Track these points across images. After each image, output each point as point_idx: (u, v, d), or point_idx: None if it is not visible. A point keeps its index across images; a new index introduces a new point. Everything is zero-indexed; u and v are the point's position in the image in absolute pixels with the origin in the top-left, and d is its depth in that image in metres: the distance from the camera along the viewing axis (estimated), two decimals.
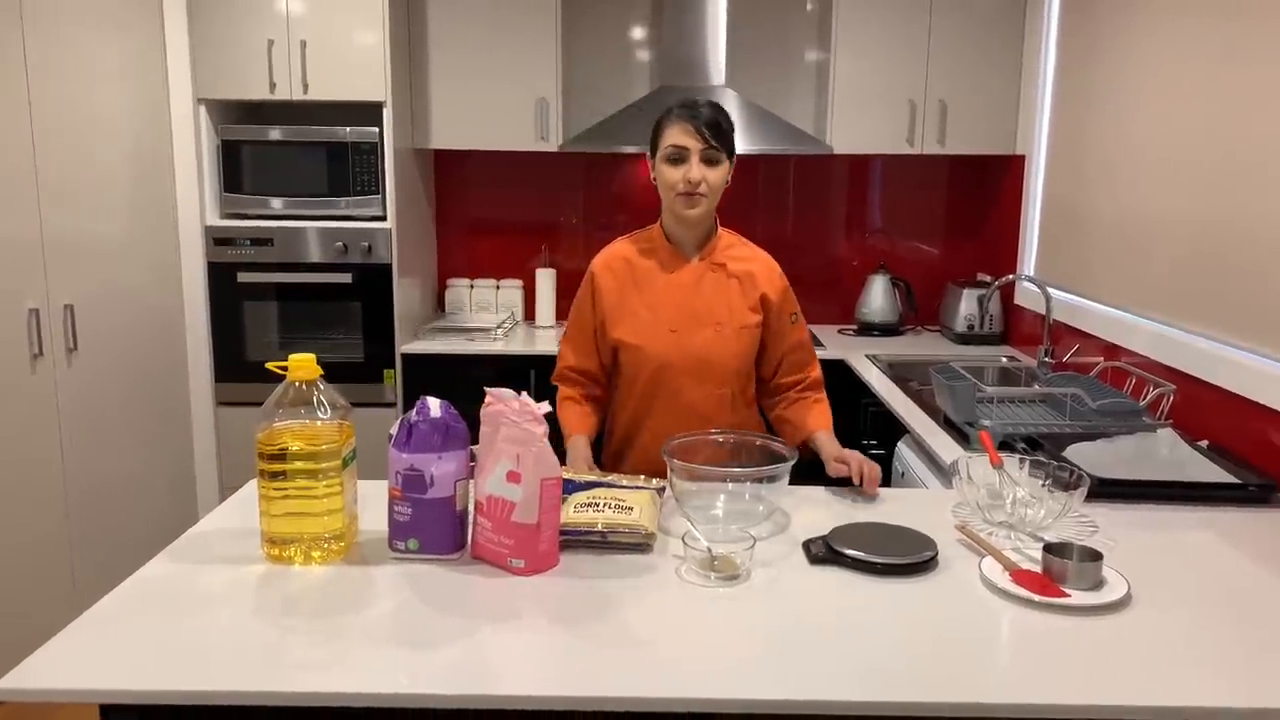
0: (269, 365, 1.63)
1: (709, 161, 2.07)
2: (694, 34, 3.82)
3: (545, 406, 1.57)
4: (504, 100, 3.80)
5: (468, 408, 1.67)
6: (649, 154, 2.16)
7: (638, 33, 4.13)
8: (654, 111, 3.70)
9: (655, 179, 2.15)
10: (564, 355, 2.30)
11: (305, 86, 3.52)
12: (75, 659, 1.33)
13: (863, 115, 3.82)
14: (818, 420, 2.23)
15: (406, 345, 3.74)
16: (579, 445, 2.17)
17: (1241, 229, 2.37)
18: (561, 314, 4.17)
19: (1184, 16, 2.66)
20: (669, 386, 2.18)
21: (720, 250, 2.21)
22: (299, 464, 1.58)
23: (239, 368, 3.70)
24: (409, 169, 3.82)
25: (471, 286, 4.20)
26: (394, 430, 1.61)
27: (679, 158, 2.07)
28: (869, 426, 3.21)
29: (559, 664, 1.33)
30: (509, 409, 1.56)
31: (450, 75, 3.79)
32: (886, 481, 2.81)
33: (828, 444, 2.15)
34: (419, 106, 3.82)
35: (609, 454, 2.33)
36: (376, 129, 3.59)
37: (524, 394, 1.57)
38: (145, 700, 1.28)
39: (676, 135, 2.07)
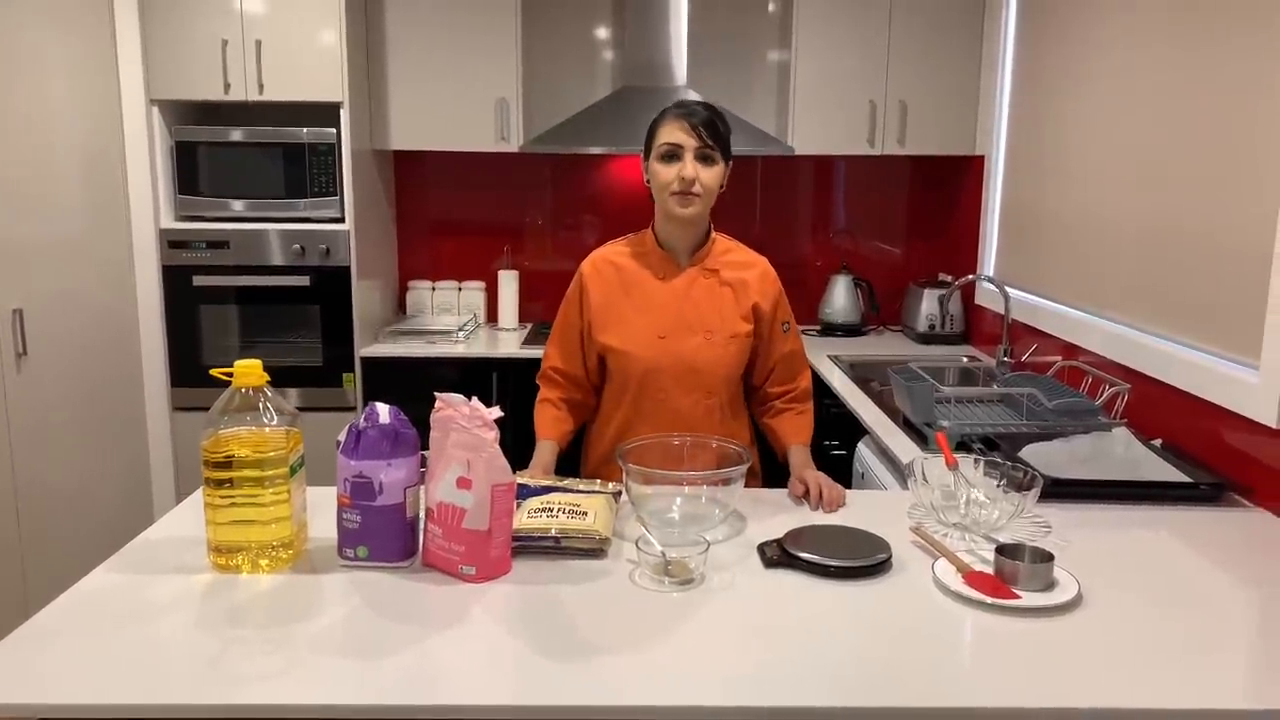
0: (213, 371, 1.60)
1: (704, 160, 2.03)
2: (655, 35, 3.81)
3: (496, 411, 1.55)
4: (464, 101, 3.77)
5: (428, 411, 1.64)
6: (642, 155, 2.13)
7: (599, 33, 4.11)
8: (615, 112, 3.75)
9: (649, 180, 2.11)
10: (549, 355, 2.26)
11: (261, 87, 3.48)
12: (13, 672, 1.30)
13: (824, 116, 3.83)
14: (795, 433, 2.21)
15: (366, 348, 3.70)
16: (543, 451, 2.15)
17: (1196, 230, 2.40)
18: (525, 316, 4.15)
19: (1139, 20, 2.69)
20: (656, 394, 2.15)
21: (714, 256, 2.17)
22: (245, 471, 1.55)
23: (196, 372, 3.64)
24: (368, 170, 3.78)
25: (433, 288, 4.17)
26: (342, 437, 1.58)
27: (673, 155, 2.03)
28: (830, 427, 3.22)
29: (510, 673, 1.31)
30: (459, 414, 1.54)
31: (409, 75, 3.76)
32: (847, 483, 2.83)
33: (797, 459, 2.13)
34: (377, 107, 3.78)
35: (596, 461, 2.28)
36: (334, 130, 3.55)
37: (474, 399, 1.56)
38: (86, 714, 1.25)
39: (671, 133, 2.03)
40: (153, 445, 3.70)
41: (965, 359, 3.58)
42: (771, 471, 2.27)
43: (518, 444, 2.34)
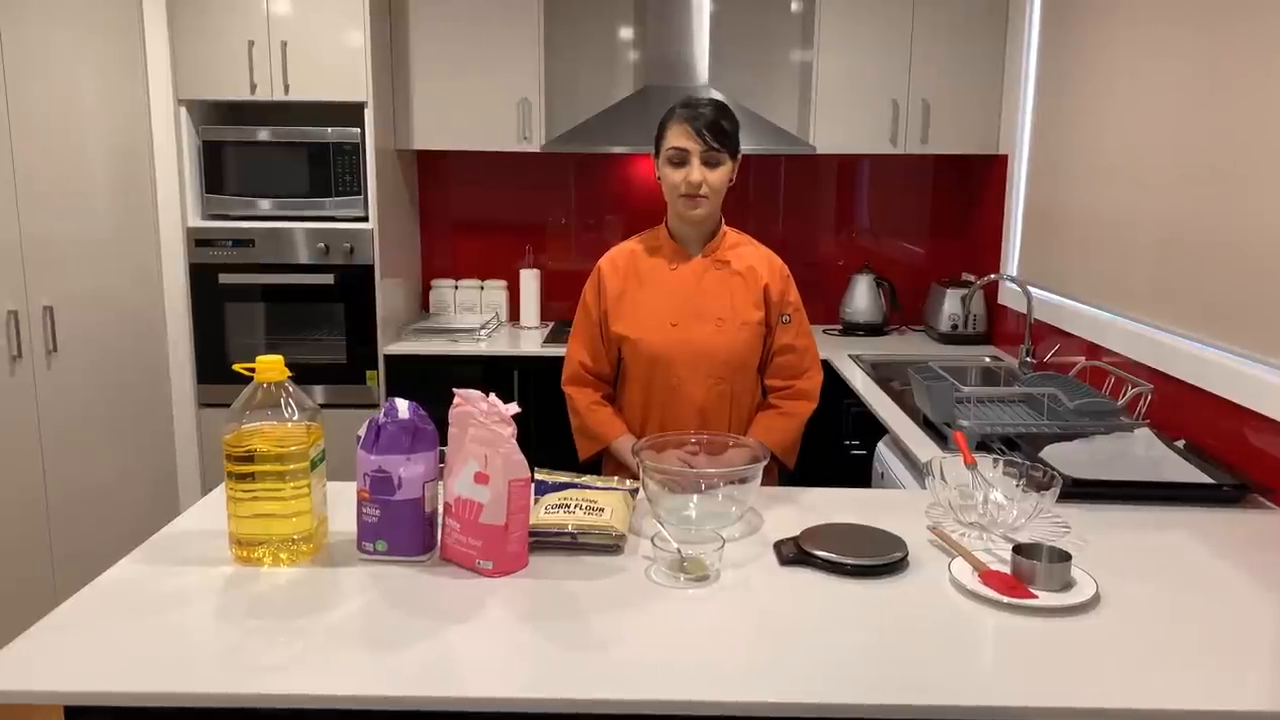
0: (236, 367, 1.62)
1: (710, 164, 2.08)
2: (678, 34, 3.82)
3: (513, 407, 1.56)
4: (486, 100, 3.79)
5: (450, 409, 1.66)
6: (654, 152, 2.17)
7: (621, 33, 4.12)
8: (637, 111, 3.76)
9: (660, 178, 2.16)
10: (574, 354, 2.28)
11: (286, 87, 3.51)
12: (39, 661, 1.32)
13: (846, 115, 3.82)
14: (764, 430, 2.20)
15: (389, 346, 3.73)
16: (623, 449, 2.18)
17: (1220, 230, 2.38)
18: (547, 315, 4.17)
19: (1162, 19, 2.67)
20: (668, 380, 2.18)
21: (725, 248, 2.22)
22: (267, 466, 1.57)
23: (222, 369, 3.68)
24: (391, 169, 3.81)
25: (456, 287, 4.20)
26: (362, 432, 1.60)
27: (680, 160, 2.08)
28: (850, 427, 3.21)
29: (526, 666, 1.32)
30: (477, 410, 1.56)
31: (432, 75, 3.79)
32: (866, 482, 2.83)
33: None
34: (401, 107, 3.81)
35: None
36: (358, 130, 3.58)
37: (492, 395, 1.57)
38: (110, 702, 1.27)
39: (677, 137, 2.08)
40: (179, 441, 3.74)
41: (987, 359, 3.56)
42: (788, 469, 2.28)
43: (542, 441, 2.37)
